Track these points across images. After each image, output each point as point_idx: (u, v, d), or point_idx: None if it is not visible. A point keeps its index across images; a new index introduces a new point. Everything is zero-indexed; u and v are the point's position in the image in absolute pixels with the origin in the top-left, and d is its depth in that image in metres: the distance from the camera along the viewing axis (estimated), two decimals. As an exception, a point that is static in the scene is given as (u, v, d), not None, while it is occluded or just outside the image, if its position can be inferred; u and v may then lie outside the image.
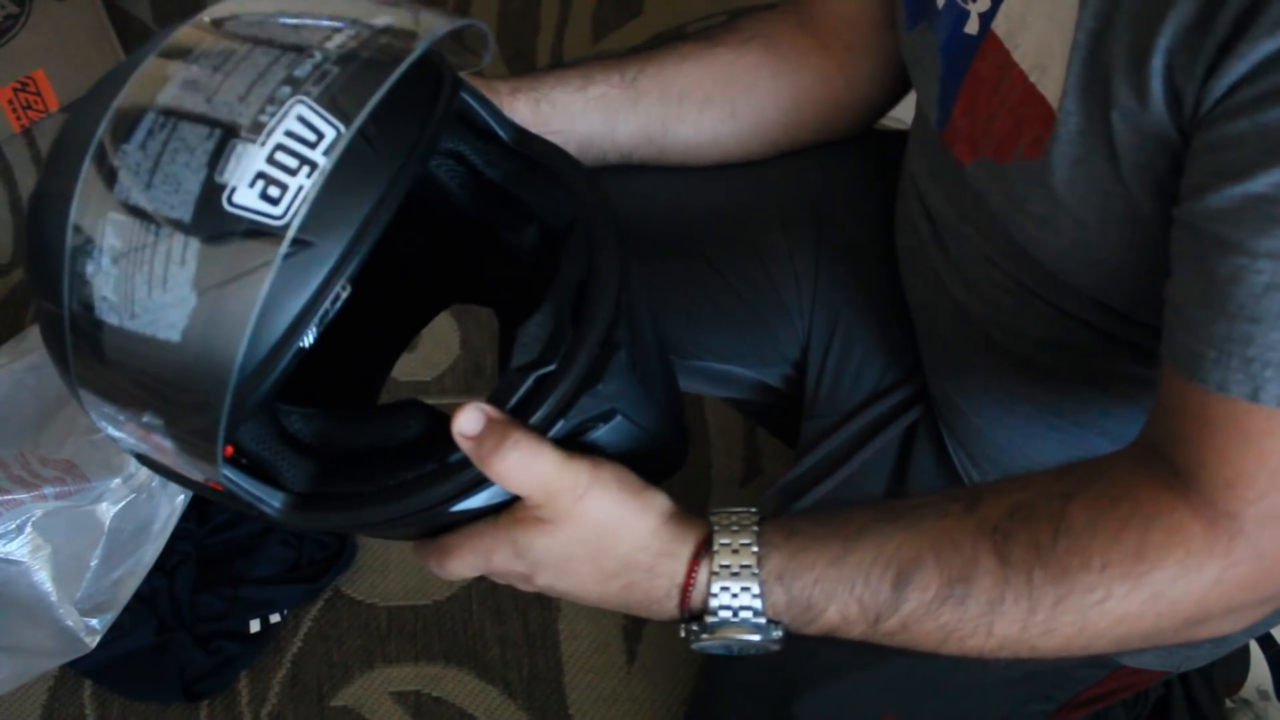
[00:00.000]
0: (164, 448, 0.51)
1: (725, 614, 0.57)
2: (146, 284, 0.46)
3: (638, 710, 1.22)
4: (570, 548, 0.57)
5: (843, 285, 0.89)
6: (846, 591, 0.56)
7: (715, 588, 0.57)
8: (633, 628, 1.26)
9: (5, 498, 1.09)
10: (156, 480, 1.13)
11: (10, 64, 1.65)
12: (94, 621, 1.15)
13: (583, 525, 0.56)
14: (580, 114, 0.82)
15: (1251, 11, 0.48)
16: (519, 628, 1.27)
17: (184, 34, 0.50)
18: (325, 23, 0.49)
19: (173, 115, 0.48)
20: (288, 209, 0.45)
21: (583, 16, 1.87)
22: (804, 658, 0.81)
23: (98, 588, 1.14)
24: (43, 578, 1.11)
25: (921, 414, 0.86)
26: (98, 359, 0.49)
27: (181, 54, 0.49)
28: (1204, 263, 0.51)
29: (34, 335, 1.22)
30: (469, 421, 0.53)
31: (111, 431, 0.53)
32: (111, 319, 0.47)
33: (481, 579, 1.24)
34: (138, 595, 1.18)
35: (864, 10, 0.82)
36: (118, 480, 1.11)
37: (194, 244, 0.46)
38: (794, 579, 0.57)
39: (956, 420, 0.82)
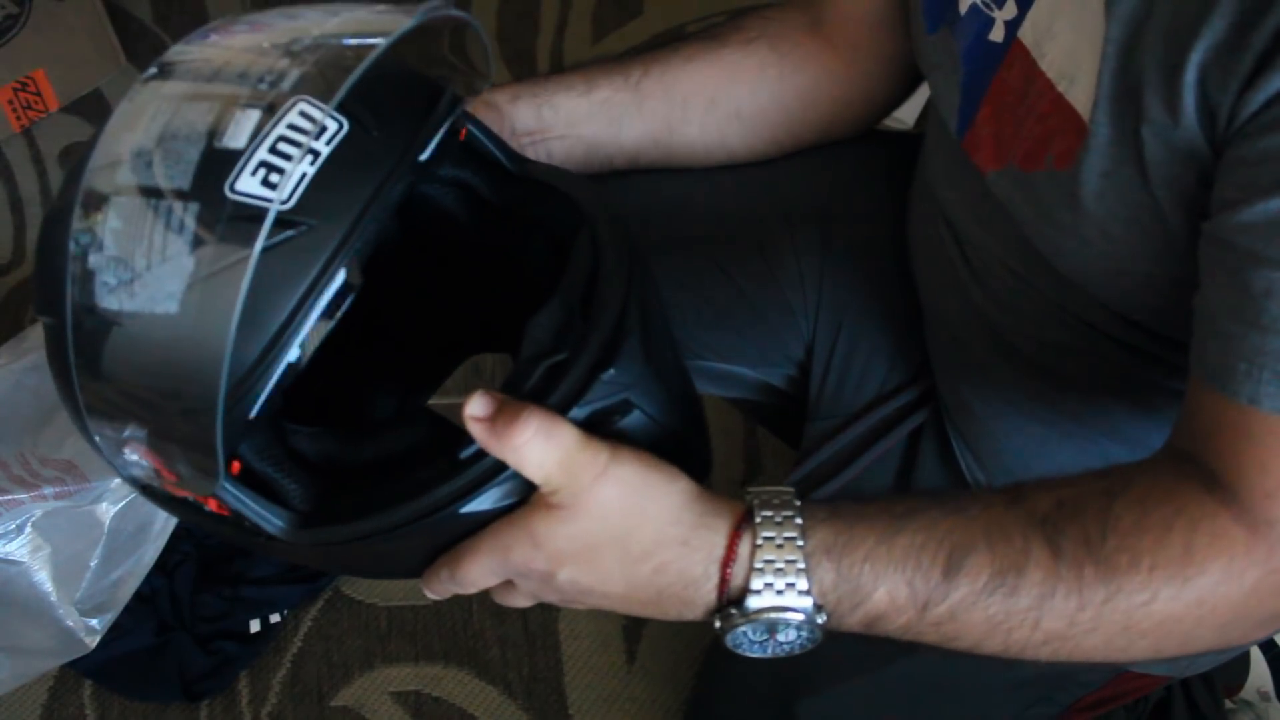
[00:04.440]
0: (168, 461, 0.51)
1: (769, 593, 0.54)
2: (146, 257, 0.47)
3: (638, 710, 1.22)
4: (594, 533, 0.54)
5: (848, 285, 0.88)
6: (897, 573, 0.54)
7: (759, 561, 0.54)
8: (633, 627, 1.26)
9: (5, 498, 1.09)
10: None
11: (10, 64, 1.65)
12: (94, 621, 1.15)
13: (606, 505, 0.54)
14: (585, 119, 0.82)
15: None
16: (519, 628, 1.27)
17: (174, 53, 0.53)
18: (309, 40, 0.51)
19: (172, 101, 0.50)
20: (289, 193, 0.47)
21: (583, 17, 1.87)
22: (807, 659, 0.81)
23: (98, 588, 1.14)
24: (43, 578, 1.11)
25: (927, 417, 0.86)
26: (99, 362, 0.49)
27: (173, 69, 0.52)
28: (1237, 277, 0.51)
29: (34, 335, 1.22)
30: (479, 405, 0.52)
31: (118, 462, 0.53)
32: (111, 305, 0.48)
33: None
34: (138, 595, 1.18)
35: (871, 10, 0.82)
36: (118, 480, 1.11)
37: (192, 208, 0.47)
38: (842, 555, 0.54)
39: (968, 424, 0.82)
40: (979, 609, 0.54)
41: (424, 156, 0.52)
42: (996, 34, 0.66)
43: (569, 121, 0.81)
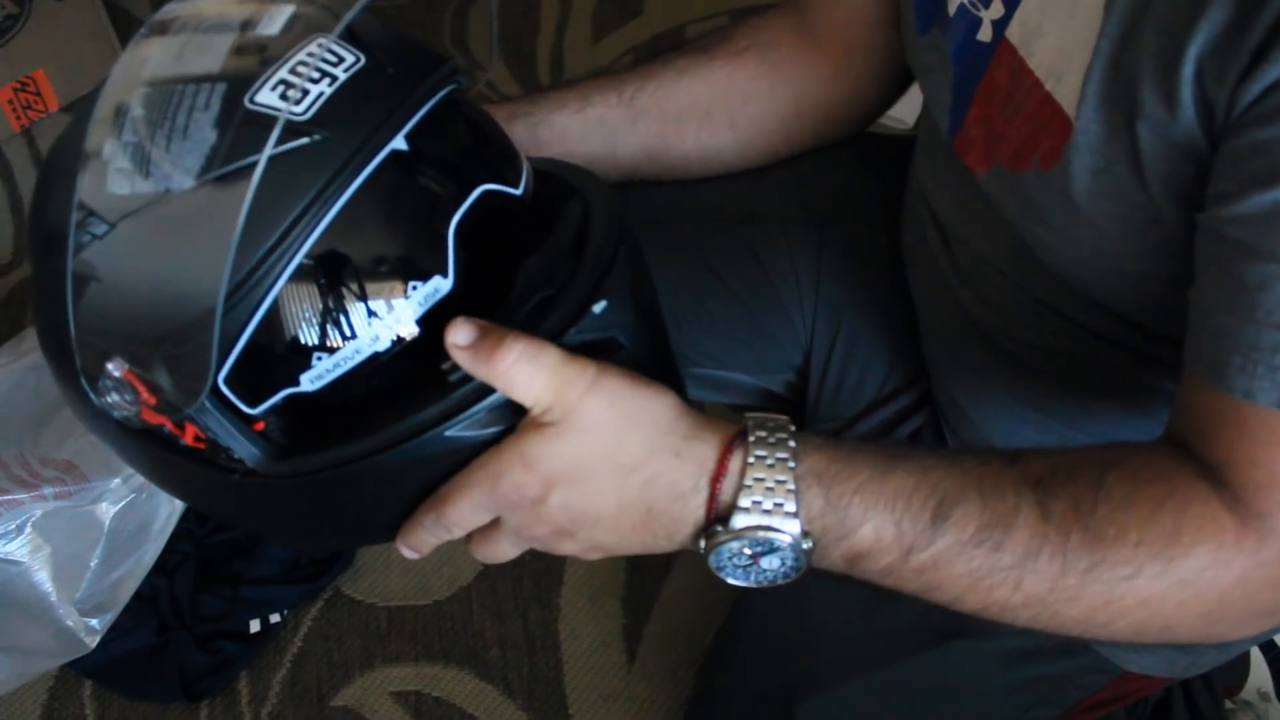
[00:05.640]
0: (152, 374, 0.51)
1: (757, 511, 0.53)
2: (166, 137, 0.49)
3: (638, 710, 1.22)
4: (586, 447, 0.54)
5: (844, 287, 0.88)
6: (886, 511, 0.54)
7: (749, 479, 0.53)
8: (633, 627, 1.26)
9: (5, 498, 1.09)
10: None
11: (10, 64, 1.65)
12: (94, 621, 1.15)
13: (597, 417, 0.53)
14: (579, 136, 0.82)
15: None
16: (519, 628, 1.27)
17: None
18: None
19: (206, 12, 0.53)
20: (307, 108, 0.50)
21: (583, 16, 1.88)
22: (807, 658, 0.81)
23: (98, 588, 1.14)
24: (43, 578, 1.11)
25: (926, 420, 0.86)
26: (99, 259, 0.50)
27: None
28: (1231, 269, 0.51)
29: (34, 335, 1.22)
30: (462, 333, 0.52)
31: (98, 385, 0.53)
32: (122, 189, 0.49)
33: (482, 577, 1.23)
34: (138, 595, 1.18)
35: (860, 12, 0.82)
36: (118, 480, 1.11)
37: (220, 88, 0.50)
38: (833, 483, 0.54)
39: (963, 427, 0.82)
40: (962, 560, 0.54)
41: (433, 103, 0.55)
42: (984, 34, 0.66)
43: (564, 139, 0.82)
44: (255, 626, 1.25)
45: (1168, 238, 0.57)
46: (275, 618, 1.26)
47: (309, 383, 0.54)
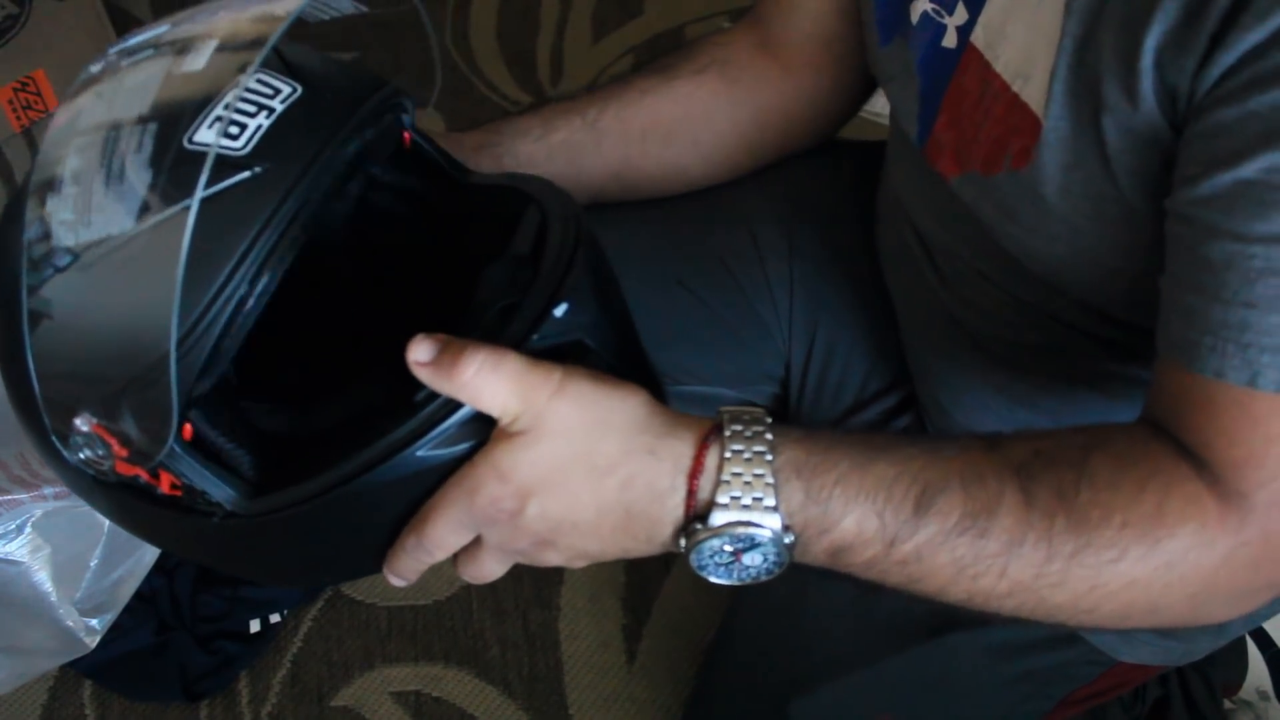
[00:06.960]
0: (119, 426, 0.51)
1: (736, 507, 0.53)
2: (104, 184, 0.49)
3: (638, 710, 1.22)
4: (559, 453, 0.53)
5: (819, 289, 0.88)
6: (868, 502, 0.53)
7: (727, 474, 0.53)
8: (633, 627, 1.26)
9: (5, 498, 1.09)
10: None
11: (10, 64, 1.65)
12: (94, 621, 1.15)
13: (567, 421, 0.53)
14: (544, 162, 0.82)
15: (1240, 3, 0.49)
16: (519, 628, 1.27)
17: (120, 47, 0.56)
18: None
19: (137, 50, 0.53)
20: (245, 143, 0.50)
21: (583, 16, 1.88)
22: (801, 655, 0.81)
23: (98, 588, 1.14)
24: (43, 578, 1.11)
25: (911, 422, 0.86)
26: (51, 316, 0.50)
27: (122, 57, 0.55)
28: (1198, 250, 0.51)
29: (34, 335, 1.22)
30: (422, 349, 0.52)
31: (70, 442, 0.54)
32: (68, 240, 0.49)
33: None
34: (138, 595, 1.18)
35: (822, 26, 0.81)
36: (117, 480, 1.11)
37: (151, 128, 0.49)
38: (813, 475, 0.53)
39: (948, 428, 0.82)
40: (946, 549, 0.53)
41: (371, 133, 0.55)
42: (949, 40, 0.66)
43: (529, 166, 0.81)
44: (255, 626, 1.25)
45: (1140, 231, 0.58)
46: (275, 617, 1.26)
47: (274, 413, 0.55)
